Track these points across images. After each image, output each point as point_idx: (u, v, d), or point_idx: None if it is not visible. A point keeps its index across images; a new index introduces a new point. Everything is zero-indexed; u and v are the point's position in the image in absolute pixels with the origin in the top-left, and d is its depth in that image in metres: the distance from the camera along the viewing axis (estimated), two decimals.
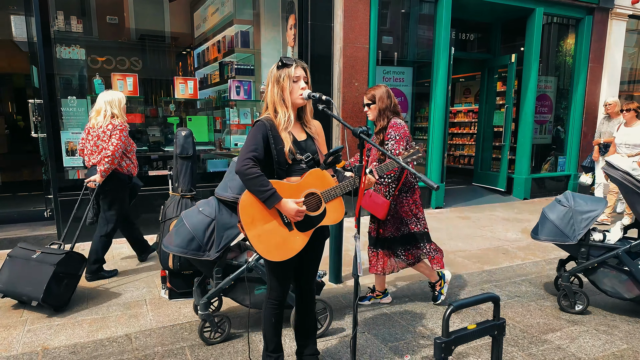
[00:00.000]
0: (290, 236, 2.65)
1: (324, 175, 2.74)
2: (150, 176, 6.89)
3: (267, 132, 2.63)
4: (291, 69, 2.66)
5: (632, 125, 7.11)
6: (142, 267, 5.26)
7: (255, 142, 2.59)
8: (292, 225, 2.66)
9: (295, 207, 2.57)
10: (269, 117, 2.70)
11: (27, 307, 4.13)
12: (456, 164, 13.16)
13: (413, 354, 3.45)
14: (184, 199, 4.37)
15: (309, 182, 2.68)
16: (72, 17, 6.64)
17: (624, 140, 7.08)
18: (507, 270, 5.37)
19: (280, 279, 2.83)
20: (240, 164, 2.53)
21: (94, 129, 4.75)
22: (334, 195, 2.72)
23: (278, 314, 2.89)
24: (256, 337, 3.66)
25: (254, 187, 2.53)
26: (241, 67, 7.64)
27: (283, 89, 2.67)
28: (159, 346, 3.52)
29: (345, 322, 3.96)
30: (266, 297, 2.91)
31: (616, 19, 10.14)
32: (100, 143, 4.70)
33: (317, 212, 2.70)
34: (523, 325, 3.98)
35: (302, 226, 2.68)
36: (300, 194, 2.65)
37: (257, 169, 2.53)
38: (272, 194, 2.52)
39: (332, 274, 4.81)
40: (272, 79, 2.70)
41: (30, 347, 3.45)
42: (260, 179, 2.52)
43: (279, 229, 2.64)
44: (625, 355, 3.49)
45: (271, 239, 2.62)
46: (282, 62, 2.68)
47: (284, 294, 2.88)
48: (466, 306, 2.13)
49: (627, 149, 7.05)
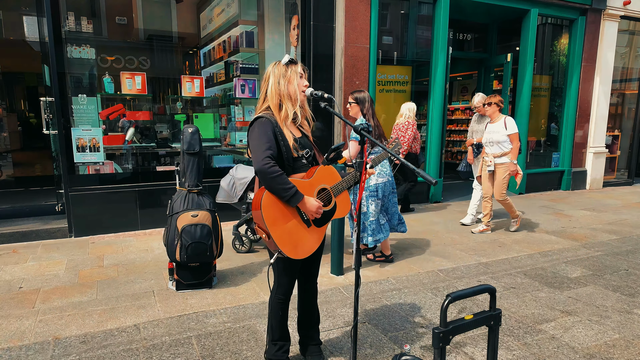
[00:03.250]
0: (309, 232, 2.64)
1: (333, 171, 2.75)
2: (158, 171, 6.89)
3: (274, 128, 2.57)
4: (297, 66, 2.67)
5: (496, 120, 6.34)
6: (149, 260, 5.26)
7: (268, 139, 2.52)
8: (310, 222, 2.64)
9: (316, 204, 2.58)
10: (270, 113, 2.64)
11: (39, 297, 4.14)
12: (454, 160, 13.14)
13: (412, 343, 3.44)
14: (191, 193, 4.35)
15: (320, 178, 2.68)
16: (83, 17, 6.61)
17: (488, 138, 6.36)
18: (503, 262, 5.36)
19: (291, 277, 2.83)
20: (260, 163, 2.43)
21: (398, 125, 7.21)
22: (342, 189, 2.75)
23: (284, 308, 2.89)
24: (260, 327, 3.66)
25: (277, 186, 2.45)
26: (246, 66, 7.63)
27: (290, 82, 2.64)
28: (166, 336, 3.52)
29: (346, 313, 3.95)
30: (274, 291, 2.87)
31: (608, 19, 10.09)
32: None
33: (329, 207, 2.71)
34: (518, 315, 3.97)
35: (318, 222, 2.68)
36: (313, 190, 2.64)
37: (278, 167, 2.46)
38: (295, 192, 2.48)
39: (334, 266, 4.80)
40: (275, 74, 2.65)
41: (42, 337, 3.44)
42: (283, 177, 2.46)
43: (299, 227, 2.59)
44: (617, 344, 3.48)
45: (292, 236, 2.56)
46: (287, 60, 2.66)
47: (291, 290, 2.87)
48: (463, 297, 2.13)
49: (491, 148, 6.35)
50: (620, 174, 11.62)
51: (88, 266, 5.04)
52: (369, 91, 7.67)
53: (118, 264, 5.11)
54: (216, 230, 4.31)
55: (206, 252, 4.19)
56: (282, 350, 2.94)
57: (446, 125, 9.39)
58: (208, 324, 3.72)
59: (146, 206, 6.50)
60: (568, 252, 5.80)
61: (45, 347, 3.30)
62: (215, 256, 4.31)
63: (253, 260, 5.24)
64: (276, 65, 2.68)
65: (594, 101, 10.35)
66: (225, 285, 4.50)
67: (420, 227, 6.86)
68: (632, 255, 5.74)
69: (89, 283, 4.52)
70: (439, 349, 2.06)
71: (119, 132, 6.83)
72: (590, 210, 8.25)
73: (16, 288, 4.38)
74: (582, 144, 10.43)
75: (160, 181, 6.70)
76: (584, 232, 6.74)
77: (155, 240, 6.03)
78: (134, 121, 7.01)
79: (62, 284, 4.49)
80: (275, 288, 2.87)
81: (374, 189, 4.86)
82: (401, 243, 5.98)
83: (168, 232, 4.25)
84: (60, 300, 4.10)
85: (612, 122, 11.21)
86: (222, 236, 4.43)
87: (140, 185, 6.48)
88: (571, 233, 6.65)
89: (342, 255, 4.79)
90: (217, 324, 3.72)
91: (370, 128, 2.68)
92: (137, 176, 6.67)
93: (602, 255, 5.71)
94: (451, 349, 3.36)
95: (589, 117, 10.42)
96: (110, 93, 6.75)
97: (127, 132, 6.81)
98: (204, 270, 4.35)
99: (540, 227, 6.99)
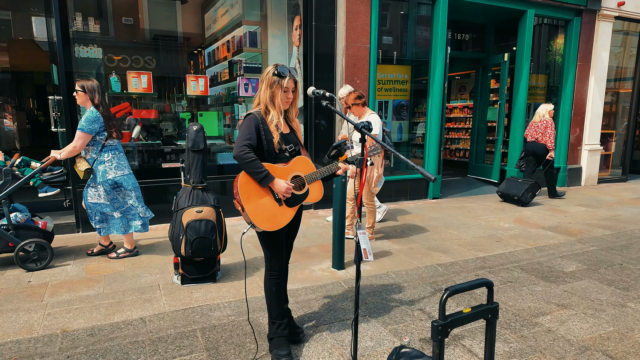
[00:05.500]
0: (280, 210, 2.92)
1: (308, 162, 3.06)
2: (163, 168, 6.88)
3: (258, 124, 2.87)
4: (284, 80, 2.89)
5: (362, 116, 5.56)
6: (155, 255, 5.25)
7: (249, 132, 2.83)
8: (282, 202, 2.93)
9: (285, 185, 2.86)
10: (259, 112, 2.93)
11: (48, 291, 4.14)
12: (452, 157, 13.12)
13: (412, 336, 3.44)
14: (196, 190, 4.34)
15: (295, 166, 2.99)
16: (90, 18, 6.60)
17: (353, 137, 5.59)
18: (500, 257, 5.34)
19: (275, 250, 3.05)
20: (237, 150, 2.77)
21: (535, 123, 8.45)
22: (315, 178, 3.05)
23: (278, 283, 3.11)
24: (263, 320, 3.65)
25: (250, 169, 2.77)
26: (249, 66, 7.61)
27: (274, 95, 2.92)
28: (171, 329, 3.51)
29: (347, 306, 3.94)
30: (266, 269, 3.10)
31: (603, 20, 10.05)
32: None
33: (301, 192, 3.01)
34: (515, 309, 3.95)
35: (290, 202, 2.96)
36: (288, 176, 2.94)
37: (252, 154, 2.77)
38: (266, 174, 2.79)
39: (335, 260, 4.79)
40: (266, 81, 2.93)
41: (51, 330, 3.44)
42: (256, 162, 2.77)
43: (271, 204, 2.90)
44: (611, 337, 3.47)
45: (265, 212, 2.87)
46: (278, 71, 2.88)
47: (280, 265, 3.09)
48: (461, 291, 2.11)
49: (358, 147, 5.48)
50: (615, 170, 11.59)
51: (95, 261, 5.03)
52: (369, 90, 7.66)
53: (124, 259, 5.11)
54: (220, 226, 4.30)
55: (210, 247, 4.19)
56: (281, 327, 3.13)
57: (445, 123, 9.38)
58: (212, 317, 3.72)
59: (152, 202, 6.47)
60: (564, 247, 5.78)
61: (53, 340, 3.30)
62: (219, 251, 4.30)
63: (256, 255, 5.23)
64: (269, 73, 2.92)
65: (589, 100, 10.32)
66: (229, 279, 4.49)
67: (419, 222, 6.85)
68: (626, 250, 5.72)
69: (96, 277, 4.52)
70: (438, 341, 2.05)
71: (125, 130, 6.83)
72: (585, 206, 8.23)
73: (25, 282, 4.37)
74: (577, 142, 10.41)
75: (165, 178, 6.70)
76: (580, 227, 6.72)
77: (161, 236, 6.02)
78: (140, 119, 7.00)
79: (69, 278, 4.48)
80: (266, 265, 3.10)
81: (112, 182, 4.80)
82: (401, 238, 5.97)
83: (173, 228, 4.25)
84: (68, 294, 4.10)
85: (606, 120, 11.18)
86: (226, 231, 4.42)
87: (146, 182, 6.47)
88: (567, 228, 6.63)
89: (342, 250, 4.77)
90: (221, 317, 3.72)
91: (371, 127, 2.68)
92: (143, 173, 6.66)
93: (597, 250, 5.69)
94: (450, 341, 3.35)
95: (584, 115, 10.39)
96: (117, 92, 6.74)
97: (134, 130, 6.79)
98: (208, 265, 4.35)
99: (537, 222, 6.97)
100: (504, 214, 7.53)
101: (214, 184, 6.73)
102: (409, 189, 8.45)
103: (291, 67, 2.98)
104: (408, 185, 8.44)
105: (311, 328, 3.55)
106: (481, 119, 10.62)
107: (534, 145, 8.61)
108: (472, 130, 11.02)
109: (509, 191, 8.41)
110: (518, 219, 7.15)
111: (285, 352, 3.03)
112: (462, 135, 12.83)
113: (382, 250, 5.48)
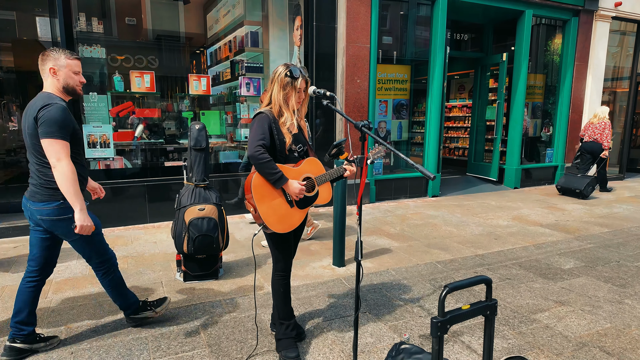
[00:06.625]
0: (291, 212, 2.91)
1: (317, 163, 3.05)
2: (166, 167, 6.88)
3: (271, 123, 2.83)
4: (297, 81, 2.85)
5: None
6: (158, 252, 5.25)
7: (263, 131, 2.78)
8: (293, 203, 2.91)
9: (299, 186, 2.83)
10: (270, 110, 2.88)
11: (51, 288, 4.14)
12: (451, 156, 13.10)
13: (411, 332, 3.43)
14: (198, 188, 4.34)
15: (306, 168, 2.97)
16: (93, 18, 6.59)
17: None
18: (499, 254, 5.34)
19: (284, 252, 3.03)
20: (252, 150, 2.71)
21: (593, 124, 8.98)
22: (325, 180, 3.03)
23: (285, 284, 3.09)
24: (265, 317, 3.65)
25: (265, 170, 2.73)
26: (251, 65, 7.60)
27: (288, 97, 2.87)
28: (174, 325, 3.51)
29: (348, 303, 3.94)
30: (274, 270, 3.08)
31: (600, 20, 10.03)
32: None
33: (312, 193, 3.00)
34: (514, 305, 3.95)
35: (301, 204, 2.94)
36: (299, 177, 2.92)
37: (267, 155, 2.73)
38: (280, 176, 2.75)
39: (336, 258, 4.78)
40: (278, 82, 2.86)
41: (55, 326, 3.44)
42: (271, 163, 2.73)
43: (284, 205, 2.87)
44: (608, 333, 3.46)
45: (277, 213, 2.84)
46: (290, 72, 2.84)
47: (287, 266, 3.08)
48: (460, 288, 2.11)
49: None
50: (612, 169, 11.57)
51: None
52: (369, 89, 7.65)
53: (128, 256, 5.11)
54: (222, 223, 4.30)
55: (212, 245, 4.18)
56: (289, 328, 3.11)
57: (444, 122, 9.37)
58: (214, 313, 3.71)
59: (155, 200, 6.49)
60: (561, 244, 5.77)
61: (58, 336, 3.30)
62: (221, 248, 4.30)
63: (258, 252, 5.23)
64: (280, 74, 2.86)
65: (587, 99, 10.30)
66: (231, 276, 4.49)
67: (418, 220, 6.84)
68: (623, 247, 5.72)
69: None
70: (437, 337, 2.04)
71: (128, 128, 6.82)
72: (582, 204, 8.22)
73: None
74: (575, 140, 10.39)
75: (168, 176, 6.69)
76: (577, 225, 6.71)
77: (164, 233, 6.02)
78: (143, 118, 7.00)
79: (73, 275, 4.48)
80: (274, 265, 3.09)
81: None
82: (401, 236, 5.97)
83: (176, 225, 4.24)
84: (72, 291, 4.10)
85: None
86: (228, 229, 4.42)
87: (149, 180, 6.47)
88: (564, 226, 6.62)
89: (343, 247, 4.77)
90: (223, 313, 3.72)
91: (372, 125, 2.68)
92: (146, 171, 6.66)
93: (595, 248, 5.69)
94: (449, 337, 3.35)
95: (582, 114, 10.38)
96: (120, 91, 6.73)
97: (137, 128, 6.79)
98: (210, 262, 4.34)
99: (535, 220, 6.96)
100: (502, 212, 7.52)
101: (216, 183, 6.73)
102: (408, 187, 8.46)
103: (300, 66, 2.95)
104: (408, 183, 8.44)
105: (312, 324, 3.55)
106: (480, 118, 10.60)
107: (592, 144, 9.10)
108: (471, 129, 10.99)
109: (571, 185, 8.83)
110: (516, 216, 7.14)
111: (294, 354, 3.00)
112: (461, 134, 12.82)
113: (382, 247, 5.47)
